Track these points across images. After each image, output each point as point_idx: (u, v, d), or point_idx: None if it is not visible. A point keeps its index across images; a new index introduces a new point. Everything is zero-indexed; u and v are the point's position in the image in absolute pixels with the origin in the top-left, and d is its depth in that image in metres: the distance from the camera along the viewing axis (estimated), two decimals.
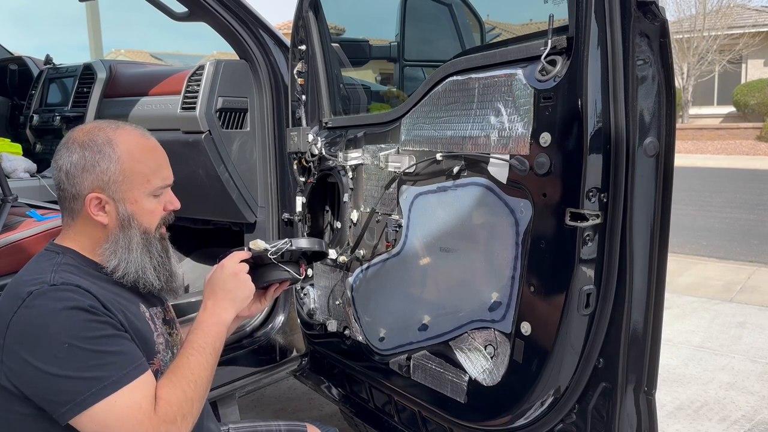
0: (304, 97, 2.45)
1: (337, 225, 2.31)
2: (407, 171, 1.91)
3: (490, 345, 1.70)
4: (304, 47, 2.40)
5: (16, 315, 1.22)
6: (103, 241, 1.38)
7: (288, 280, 1.64)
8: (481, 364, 1.74)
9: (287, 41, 2.56)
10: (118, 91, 3.25)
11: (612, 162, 1.42)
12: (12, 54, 4.47)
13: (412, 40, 3.14)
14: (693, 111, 23.24)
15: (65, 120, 3.39)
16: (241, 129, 2.68)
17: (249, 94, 2.66)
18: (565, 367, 1.57)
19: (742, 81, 22.82)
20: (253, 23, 2.55)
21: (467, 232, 1.75)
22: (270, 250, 1.57)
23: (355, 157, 2.14)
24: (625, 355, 1.52)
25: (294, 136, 2.38)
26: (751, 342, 4.27)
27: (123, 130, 1.40)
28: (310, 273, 2.42)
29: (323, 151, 2.27)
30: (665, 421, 3.22)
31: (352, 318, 2.20)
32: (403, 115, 1.94)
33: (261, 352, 2.62)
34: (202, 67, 2.66)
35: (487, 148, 1.64)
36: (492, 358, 1.70)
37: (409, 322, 1.96)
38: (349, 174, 2.17)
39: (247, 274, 1.51)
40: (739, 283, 5.67)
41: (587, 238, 1.46)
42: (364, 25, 3.77)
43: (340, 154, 2.20)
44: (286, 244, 1.59)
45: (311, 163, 2.34)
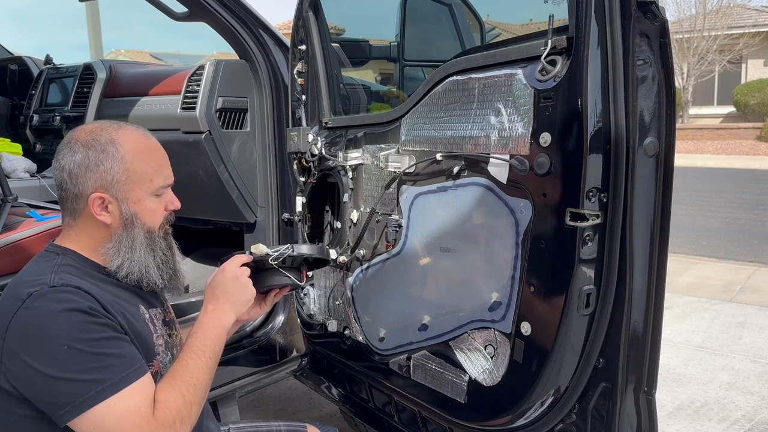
0: (304, 97, 2.45)
1: (337, 225, 2.31)
2: (407, 171, 1.91)
3: (490, 345, 1.70)
4: (304, 47, 2.40)
5: (15, 316, 1.22)
6: (106, 241, 1.38)
7: (288, 286, 1.64)
8: (481, 364, 1.74)
9: (287, 41, 2.56)
10: (118, 91, 3.24)
11: (612, 162, 1.42)
12: (12, 54, 4.46)
13: (412, 40, 3.14)
14: (693, 111, 23.24)
15: (65, 120, 3.39)
16: (241, 129, 2.68)
17: (249, 94, 2.66)
18: (565, 367, 1.57)
19: (742, 81, 22.82)
20: (253, 23, 2.55)
21: (467, 232, 1.75)
22: (272, 255, 1.56)
23: (355, 157, 2.14)
24: (625, 355, 1.52)
25: (294, 136, 2.38)
26: (751, 342, 4.27)
27: (125, 130, 1.40)
28: (311, 274, 2.42)
29: (323, 151, 2.27)
30: (665, 421, 3.22)
31: (352, 318, 2.20)
32: (403, 115, 1.94)
33: (261, 352, 2.61)
34: (202, 67, 2.66)
35: (487, 148, 1.64)
36: (492, 358, 1.70)
37: (409, 322, 1.96)
38: (349, 174, 2.17)
39: (248, 278, 1.51)
40: (739, 283, 5.67)
41: (587, 238, 1.46)
42: (364, 25, 3.77)
43: (340, 154, 2.20)
44: (288, 249, 1.58)
45: (311, 163, 2.34)
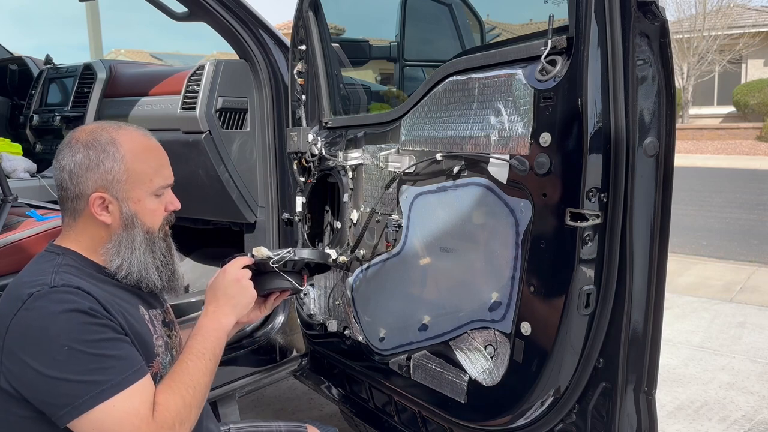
0: (304, 97, 2.44)
1: (337, 225, 2.31)
2: (407, 171, 1.91)
3: (490, 345, 1.70)
4: (304, 47, 2.40)
5: (16, 317, 1.22)
6: (106, 241, 1.38)
7: (289, 290, 1.64)
8: (481, 364, 1.74)
9: (287, 41, 2.56)
10: (118, 91, 3.24)
11: (612, 162, 1.42)
12: (12, 54, 4.46)
13: (412, 40, 3.14)
14: (693, 111, 23.24)
15: (65, 120, 3.39)
16: (241, 129, 2.68)
17: (249, 94, 2.66)
18: (565, 367, 1.57)
19: (742, 81, 22.82)
20: (253, 23, 2.55)
21: (467, 232, 1.75)
22: (273, 258, 1.56)
23: (355, 157, 2.14)
24: (625, 355, 1.52)
25: (294, 136, 2.38)
26: (751, 342, 4.27)
27: (125, 130, 1.40)
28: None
29: (323, 151, 2.27)
30: (665, 421, 3.22)
31: (352, 318, 2.20)
32: (403, 115, 1.94)
33: (261, 352, 2.61)
34: (202, 67, 2.66)
35: (487, 148, 1.64)
36: (492, 358, 1.70)
37: (409, 322, 1.96)
38: (349, 174, 2.17)
39: (249, 280, 1.51)
40: (739, 283, 5.67)
41: (587, 238, 1.45)
42: (364, 25, 3.77)
43: (340, 154, 2.19)
44: (289, 253, 1.58)
45: (311, 163, 2.34)
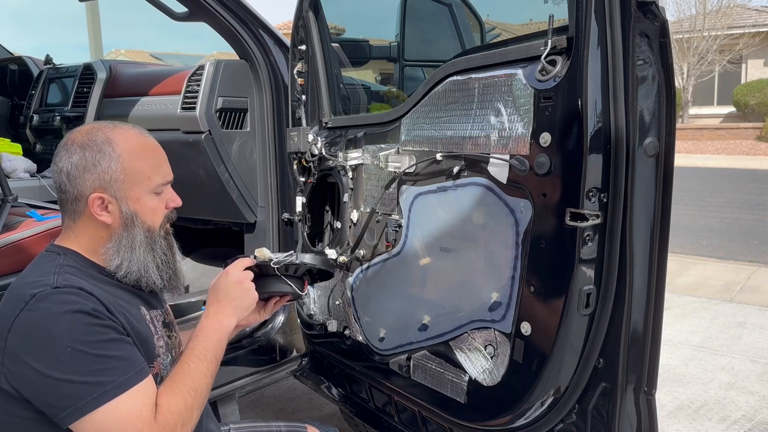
0: (304, 97, 2.44)
1: (337, 225, 2.31)
2: (407, 171, 1.91)
3: (490, 345, 1.70)
4: (304, 47, 2.40)
5: (18, 318, 1.22)
6: (106, 241, 1.37)
7: (289, 295, 1.64)
8: (481, 364, 1.74)
9: (287, 41, 2.56)
10: (118, 91, 3.24)
11: (612, 162, 1.42)
12: (12, 54, 4.46)
13: (412, 40, 3.14)
14: (693, 111, 23.24)
15: (65, 120, 3.39)
16: (241, 129, 2.68)
17: (249, 94, 2.66)
18: (565, 367, 1.56)
19: (742, 81, 22.82)
20: (253, 23, 2.55)
21: (467, 232, 1.75)
22: (274, 260, 1.56)
23: (355, 157, 2.14)
24: (625, 355, 1.52)
25: (294, 136, 2.38)
26: (751, 342, 4.27)
27: (121, 129, 1.40)
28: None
29: (323, 151, 2.27)
30: (665, 421, 3.22)
31: (352, 318, 2.20)
32: (403, 115, 1.94)
33: (261, 352, 2.61)
34: (202, 67, 2.66)
35: (487, 148, 1.64)
36: (492, 358, 1.70)
37: (409, 322, 1.96)
38: (349, 174, 2.17)
39: (251, 282, 1.51)
40: (739, 283, 5.67)
41: (587, 238, 1.45)
42: (364, 25, 3.77)
43: (340, 154, 2.20)
44: (291, 256, 1.58)
45: (311, 163, 2.34)
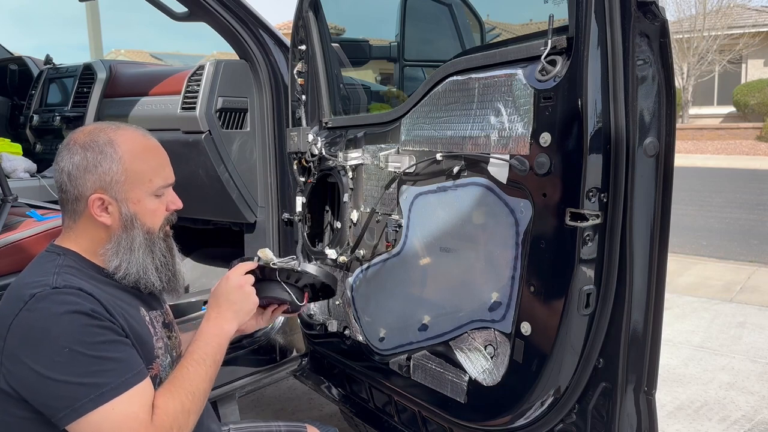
0: (304, 97, 2.44)
1: (337, 225, 2.31)
2: (407, 171, 1.91)
3: (490, 345, 1.70)
4: (304, 47, 2.40)
5: (17, 318, 1.22)
6: (106, 242, 1.37)
7: (287, 304, 1.64)
8: (481, 364, 1.73)
9: (287, 41, 2.56)
10: (118, 91, 3.24)
11: (612, 162, 1.42)
12: (12, 54, 4.46)
13: (412, 40, 3.14)
14: (693, 111, 23.23)
15: (65, 120, 3.39)
16: (241, 129, 2.68)
17: (249, 94, 2.66)
18: (565, 367, 1.56)
19: (742, 81, 22.82)
20: (253, 23, 2.55)
21: (467, 232, 1.75)
22: (275, 262, 1.56)
23: (355, 157, 2.14)
24: (625, 355, 1.52)
25: (294, 136, 2.38)
26: (751, 342, 4.27)
27: (124, 130, 1.40)
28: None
29: (323, 151, 2.27)
30: (665, 421, 3.22)
31: (352, 318, 2.20)
32: (403, 115, 1.94)
33: (261, 352, 2.61)
34: (202, 67, 2.66)
35: (487, 148, 1.64)
36: (492, 358, 1.70)
37: (409, 322, 1.95)
38: (349, 174, 2.17)
39: (252, 286, 1.52)
40: (739, 283, 5.67)
41: (587, 238, 1.45)
42: (364, 25, 3.77)
43: (340, 154, 2.19)
44: (293, 261, 1.58)
45: (311, 163, 2.34)
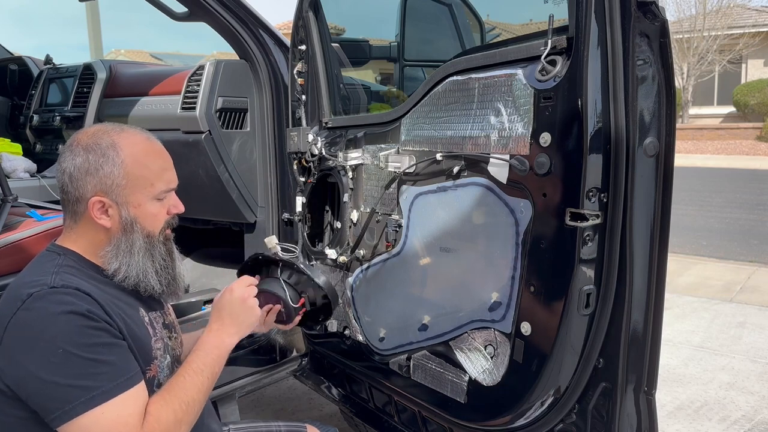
0: (304, 97, 2.44)
1: (337, 225, 2.31)
2: (407, 171, 1.91)
3: (490, 345, 1.70)
4: (304, 47, 2.40)
5: (14, 317, 1.22)
6: (105, 245, 1.37)
7: (281, 302, 1.66)
8: (481, 364, 1.73)
9: (287, 41, 2.56)
10: (118, 91, 3.24)
11: (612, 162, 1.42)
12: (12, 54, 4.46)
13: (412, 40, 3.14)
14: (693, 111, 23.23)
15: (65, 120, 3.39)
16: (241, 129, 2.68)
17: (249, 94, 2.66)
18: (565, 367, 1.56)
19: (742, 81, 22.82)
20: (253, 23, 2.55)
21: (467, 232, 1.75)
22: (276, 246, 1.61)
23: (355, 157, 2.14)
24: (625, 355, 1.52)
25: (294, 136, 2.38)
26: (751, 342, 4.27)
27: (127, 133, 1.39)
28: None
29: (323, 151, 2.27)
30: (665, 421, 3.22)
31: (352, 318, 2.20)
32: (403, 115, 1.94)
33: (261, 352, 2.61)
34: (202, 67, 2.66)
35: (487, 148, 1.64)
36: (492, 358, 1.70)
37: (409, 322, 1.95)
38: (349, 174, 2.17)
39: (254, 299, 1.53)
40: (739, 283, 5.67)
41: (587, 238, 1.45)
42: (364, 25, 3.77)
43: (340, 154, 2.19)
44: (294, 254, 1.64)
45: (311, 163, 2.34)
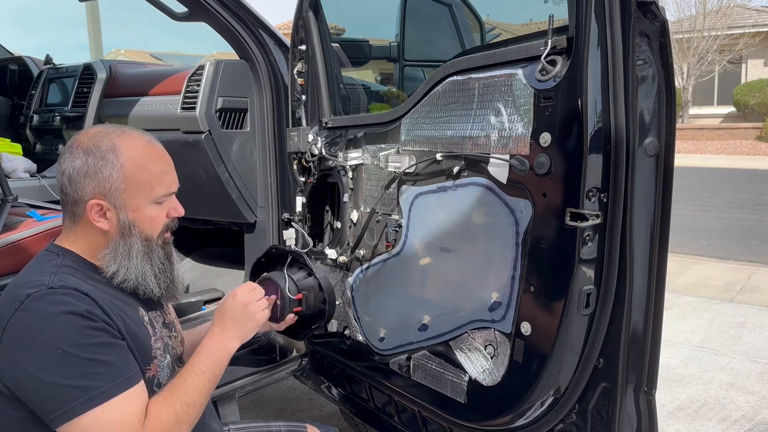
0: (304, 97, 2.44)
1: (337, 225, 2.31)
2: (407, 171, 1.91)
3: (490, 345, 1.70)
4: (304, 47, 2.40)
5: (13, 317, 1.22)
6: (103, 247, 1.37)
7: (279, 291, 1.70)
8: (481, 364, 1.73)
9: (287, 41, 2.56)
10: (118, 91, 3.24)
11: (612, 162, 1.42)
12: (12, 54, 4.46)
13: (412, 40, 3.14)
14: (693, 111, 23.23)
15: (65, 120, 3.39)
16: (241, 129, 2.68)
17: (249, 94, 2.65)
18: (565, 367, 1.56)
19: (742, 81, 22.81)
20: (253, 23, 2.55)
21: (467, 232, 1.75)
22: (291, 239, 1.71)
23: (355, 157, 2.14)
24: (625, 355, 1.52)
25: (294, 136, 2.38)
26: (751, 342, 4.27)
27: (128, 136, 1.38)
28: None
29: (323, 151, 2.27)
30: (665, 421, 3.22)
31: (352, 318, 2.20)
32: (403, 115, 1.94)
33: (261, 352, 2.61)
34: (202, 67, 2.66)
35: (487, 148, 1.64)
36: (492, 358, 1.70)
37: (409, 322, 1.95)
38: (349, 174, 2.17)
39: (257, 303, 1.55)
40: (739, 283, 5.67)
41: (587, 238, 1.45)
42: (364, 25, 3.77)
43: (340, 154, 2.19)
44: (308, 252, 1.67)
45: (311, 163, 2.34)
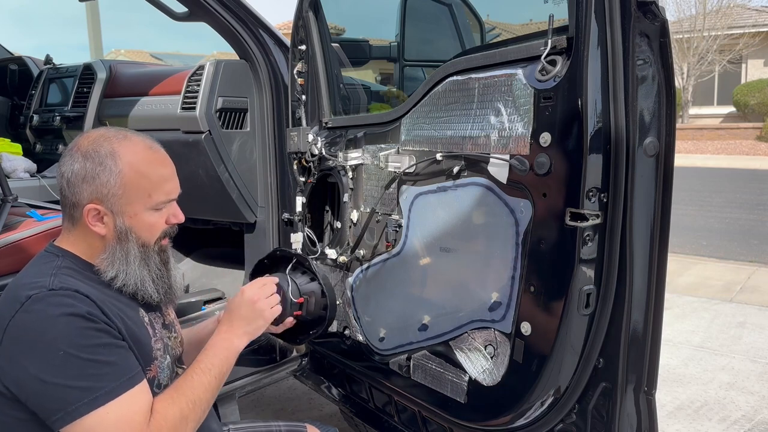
0: (304, 97, 2.44)
1: (337, 225, 2.31)
2: (407, 171, 1.91)
3: (490, 345, 1.70)
4: (304, 47, 2.40)
5: (14, 319, 1.22)
6: (101, 251, 1.36)
7: (281, 292, 1.68)
8: (481, 364, 1.73)
9: (287, 41, 2.56)
10: (118, 91, 3.24)
11: (612, 162, 1.42)
12: (12, 54, 4.46)
13: (412, 40, 3.14)
14: (693, 111, 23.23)
15: (65, 120, 3.39)
16: (241, 129, 2.68)
17: (249, 94, 2.66)
18: (565, 367, 1.56)
19: (742, 81, 22.81)
20: (253, 23, 2.55)
21: (467, 232, 1.75)
22: (298, 246, 1.68)
23: (355, 157, 2.14)
24: (625, 355, 1.52)
25: (294, 136, 2.38)
26: (751, 342, 4.27)
27: (129, 141, 1.36)
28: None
29: (323, 151, 2.27)
30: (665, 421, 3.22)
31: (352, 318, 2.20)
32: (403, 115, 1.94)
33: (261, 352, 2.61)
34: (202, 67, 2.66)
35: (487, 148, 1.64)
36: (492, 358, 1.70)
37: (409, 322, 1.95)
38: (349, 174, 2.17)
39: (265, 301, 1.55)
40: (739, 283, 5.67)
41: (587, 238, 1.45)
42: (364, 25, 3.77)
43: (340, 154, 2.20)
44: (313, 256, 1.67)
45: (311, 163, 2.34)
